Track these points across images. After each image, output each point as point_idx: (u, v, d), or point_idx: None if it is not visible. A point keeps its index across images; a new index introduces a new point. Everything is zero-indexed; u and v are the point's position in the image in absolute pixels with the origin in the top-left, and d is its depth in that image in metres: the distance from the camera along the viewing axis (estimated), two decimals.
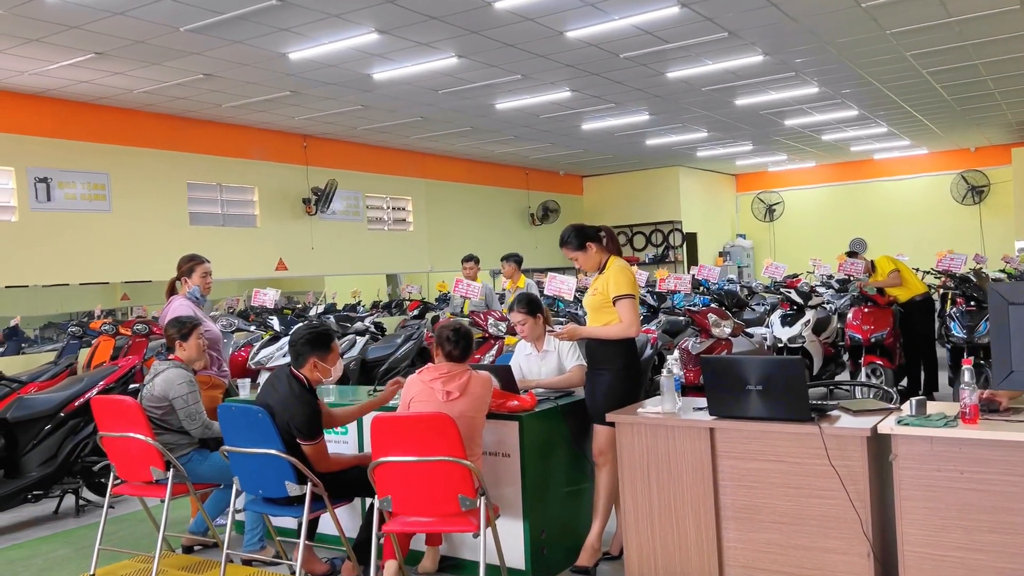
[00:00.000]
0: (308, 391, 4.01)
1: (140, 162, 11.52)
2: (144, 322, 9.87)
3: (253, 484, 4.02)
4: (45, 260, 10.40)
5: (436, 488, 3.52)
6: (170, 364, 4.60)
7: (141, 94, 10.50)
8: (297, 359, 4.04)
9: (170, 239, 11.87)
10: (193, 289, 5.36)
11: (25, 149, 10.25)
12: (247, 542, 4.57)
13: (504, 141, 15.32)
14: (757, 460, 3.47)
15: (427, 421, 3.51)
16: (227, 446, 4.03)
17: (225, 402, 4.13)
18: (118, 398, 4.45)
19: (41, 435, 5.60)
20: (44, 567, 4.74)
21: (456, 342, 3.89)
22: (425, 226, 16.38)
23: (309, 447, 3.91)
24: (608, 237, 4.52)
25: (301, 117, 12.47)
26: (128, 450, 4.40)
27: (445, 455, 3.46)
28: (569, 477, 4.37)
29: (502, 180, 18.36)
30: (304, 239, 13.93)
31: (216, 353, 5.26)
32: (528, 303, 4.71)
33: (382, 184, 15.49)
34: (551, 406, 4.27)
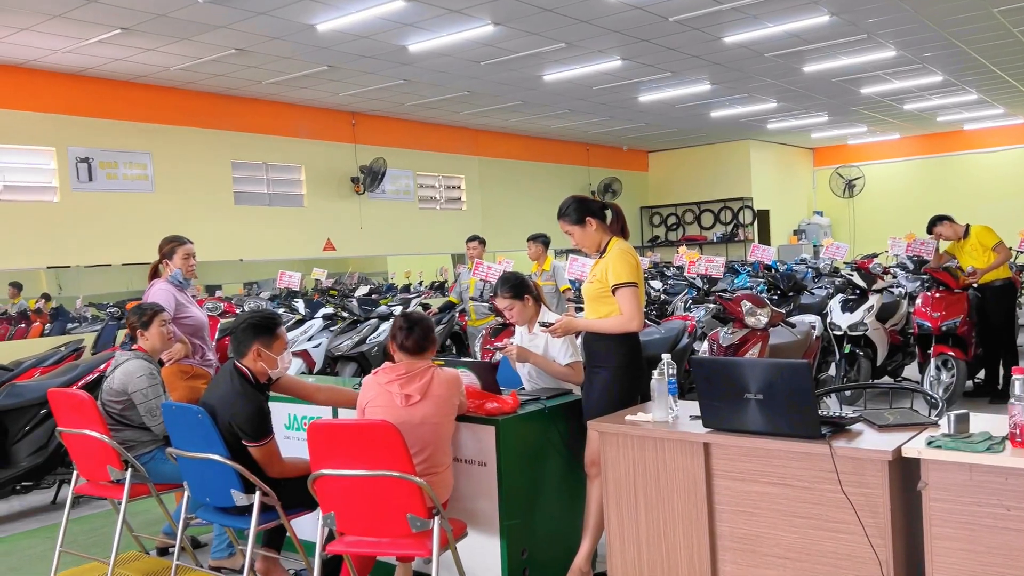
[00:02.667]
0: (253, 386, 3.59)
1: (183, 141, 11.40)
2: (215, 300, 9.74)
3: (201, 490, 3.65)
4: (87, 240, 10.39)
5: (382, 506, 3.07)
6: (131, 355, 4.27)
7: (178, 71, 10.33)
8: (239, 348, 3.63)
9: (215, 219, 11.76)
10: (175, 272, 5.04)
11: (66, 129, 10.23)
12: (215, 548, 4.23)
13: (559, 115, 14.70)
14: (758, 482, 2.89)
15: (368, 430, 3.05)
16: (173, 448, 3.67)
17: (167, 402, 3.77)
18: (72, 392, 4.15)
19: (32, 423, 5.41)
20: (14, 565, 4.52)
21: (409, 329, 3.39)
22: (479, 205, 15.93)
23: (256, 449, 3.50)
24: (615, 215, 3.95)
25: (345, 93, 12.15)
26: (85, 448, 4.10)
27: (389, 469, 3.00)
28: (559, 489, 3.85)
29: (561, 156, 17.74)
30: (353, 219, 13.67)
31: (199, 341, 4.93)
32: (513, 286, 4.20)
33: (434, 162, 15.10)
34: (537, 408, 3.75)
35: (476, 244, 8.39)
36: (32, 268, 10.21)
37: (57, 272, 11.40)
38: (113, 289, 12.25)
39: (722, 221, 19.46)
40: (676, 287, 10.43)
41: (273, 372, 3.69)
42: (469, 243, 8.36)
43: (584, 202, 3.95)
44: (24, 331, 10.60)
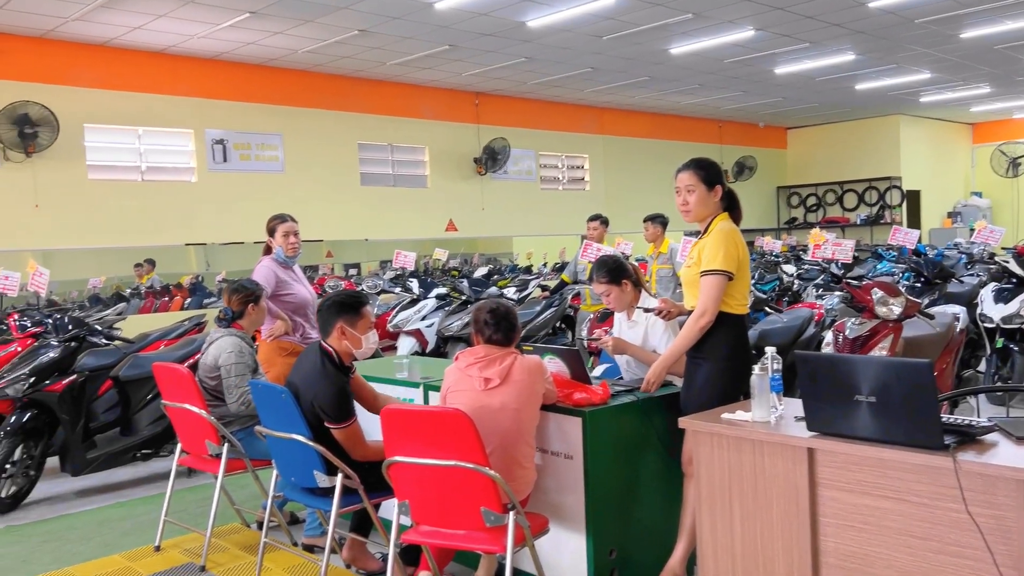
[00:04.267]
0: (337, 367, 3.53)
1: (312, 123, 11.71)
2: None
3: (287, 470, 3.64)
4: (222, 219, 10.86)
5: (455, 498, 2.93)
6: (225, 332, 4.33)
7: (305, 54, 10.58)
8: (324, 327, 3.58)
9: (342, 200, 12.04)
10: (277, 250, 5.08)
11: (203, 112, 10.70)
12: (308, 526, 4.24)
13: (688, 91, 14.12)
14: (869, 495, 2.54)
15: (441, 418, 2.90)
16: (261, 427, 3.67)
17: (253, 380, 3.77)
18: (173, 367, 4.24)
19: (152, 394, 5.65)
20: (127, 530, 4.72)
21: (496, 325, 3.23)
22: (603, 185, 15.59)
23: (339, 431, 3.44)
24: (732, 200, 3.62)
25: (468, 73, 12.11)
26: (186, 421, 4.20)
27: (462, 460, 2.84)
28: (654, 487, 3.59)
29: (691, 134, 17.08)
30: (475, 199, 13.68)
31: (301, 318, 4.95)
32: (610, 270, 3.95)
33: (557, 141, 14.88)
34: (629, 400, 3.50)
35: (597, 224, 8.07)
36: (172, 245, 10.78)
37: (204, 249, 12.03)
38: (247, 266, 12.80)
39: (867, 202, 18.21)
40: (811, 272, 9.79)
41: (358, 352, 3.62)
42: (590, 222, 8.05)
43: (720, 169, 3.65)
44: (167, 304, 11.24)
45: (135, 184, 10.22)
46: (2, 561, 4.31)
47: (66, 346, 5.28)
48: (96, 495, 5.48)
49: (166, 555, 4.27)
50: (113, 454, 5.43)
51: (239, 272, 12.78)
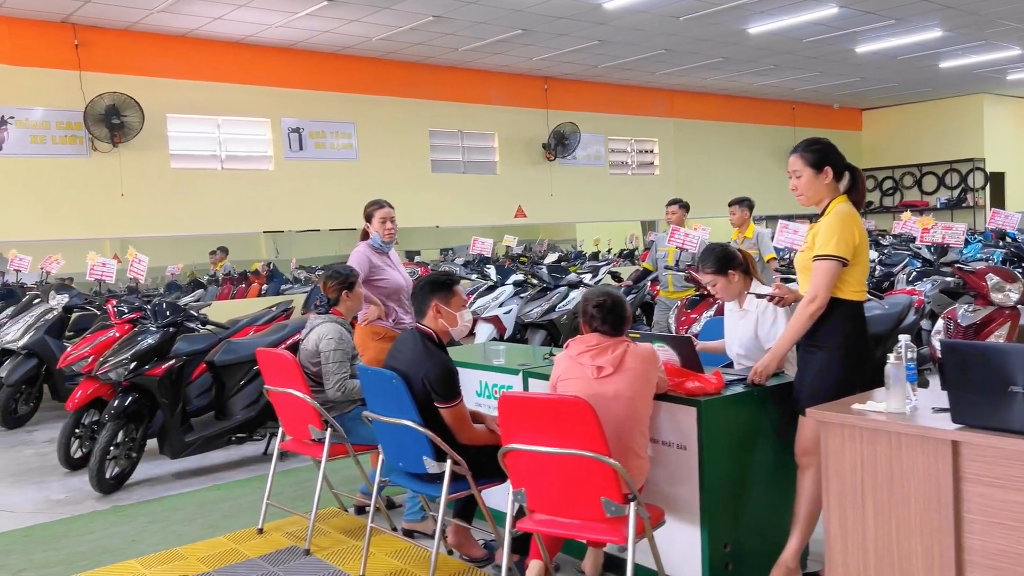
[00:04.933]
0: (439, 346, 3.53)
1: (384, 111, 11.77)
2: None
3: (394, 455, 3.64)
4: (298, 207, 11.00)
5: (574, 487, 2.88)
6: (324, 318, 4.36)
7: (379, 41, 10.62)
8: (420, 308, 3.60)
9: (413, 187, 12.08)
10: (374, 236, 5.09)
11: (279, 101, 10.84)
12: (408, 511, 4.25)
13: (763, 72, 13.77)
14: (1022, 491, 2.40)
15: (561, 406, 2.85)
16: (368, 412, 3.67)
17: (360, 365, 3.78)
18: (278, 352, 4.29)
19: (246, 379, 5.74)
20: (227, 512, 4.80)
21: (603, 318, 3.15)
22: (672, 169, 15.35)
23: (447, 410, 3.42)
24: (854, 180, 3.46)
25: (539, 58, 12.01)
26: (289, 406, 4.24)
27: (582, 448, 2.79)
28: (766, 478, 3.48)
29: (763, 116, 16.69)
30: (543, 185, 13.60)
31: (394, 304, 4.96)
32: (717, 259, 3.83)
33: (626, 125, 14.69)
34: (744, 390, 3.40)
35: (676, 208, 7.83)
36: (250, 232, 10.98)
37: (274, 236, 12.23)
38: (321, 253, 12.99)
39: (947, 185, 17.57)
40: (894, 257, 9.46)
41: (454, 330, 3.61)
42: (669, 207, 7.81)
43: (832, 149, 3.45)
44: (244, 291, 11.44)
45: (215, 173, 10.42)
46: (112, 540, 4.43)
47: (165, 332, 5.39)
48: (192, 477, 5.60)
49: (269, 538, 4.33)
50: (209, 438, 5.54)
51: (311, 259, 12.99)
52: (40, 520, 4.84)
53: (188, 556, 4.13)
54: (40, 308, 7.62)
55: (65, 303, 7.57)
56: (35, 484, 5.60)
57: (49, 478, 5.73)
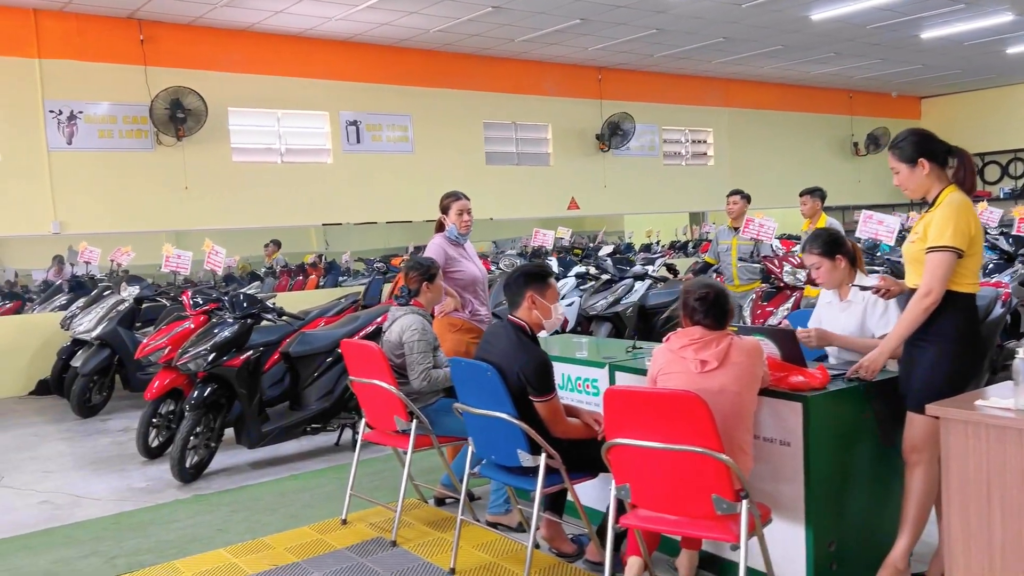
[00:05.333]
0: (532, 339, 3.49)
1: (439, 103, 11.78)
2: None
3: (486, 448, 3.61)
4: (356, 199, 11.07)
5: (684, 483, 2.82)
6: (407, 310, 4.34)
7: (437, 33, 10.61)
8: (514, 299, 3.57)
9: (468, 179, 12.05)
10: (450, 228, 5.07)
11: (337, 94, 10.90)
12: (492, 504, 4.22)
13: (823, 59, 13.49)
14: None
15: (671, 400, 2.79)
16: (460, 404, 3.65)
17: (453, 357, 3.75)
18: (363, 343, 4.28)
19: (320, 370, 5.77)
20: (308, 503, 4.83)
21: (706, 311, 3.07)
22: (727, 160, 15.14)
23: (542, 404, 3.38)
24: (960, 163, 3.33)
25: (594, 48, 11.91)
26: (374, 397, 4.24)
27: (693, 445, 2.73)
28: (871, 475, 3.39)
29: (820, 105, 16.38)
30: (596, 177, 13.51)
31: (471, 295, 4.94)
32: (825, 241, 3.73)
33: (680, 115, 14.51)
34: (850, 385, 3.30)
35: (739, 199, 7.63)
36: (309, 225, 11.06)
37: (325, 229, 12.31)
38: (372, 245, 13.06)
39: (1011, 174, 17.08)
40: None
41: (547, 322, 3.57)
42: (730, 197, 7.61)
43: (925, 139, 3.32)
44: (301, 283, 11.55)
45: (275, 166, 10.52)
46: (199, 529, 4.48)
47: (243, 323, 5.44)
48: (268, 467, 5.65)
49: (354, 528, 4.34)
50: (285, 428, 5.58)
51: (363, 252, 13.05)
52: (125, 508, 4.92)
53: (275, 546, 4.16)
54: (112, 299, 7.76)
55: (136, 294, 7.69)
56: (116, 472, 5.70)
57: (129, 466, 5.83)
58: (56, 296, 9.75)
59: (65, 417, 7.58)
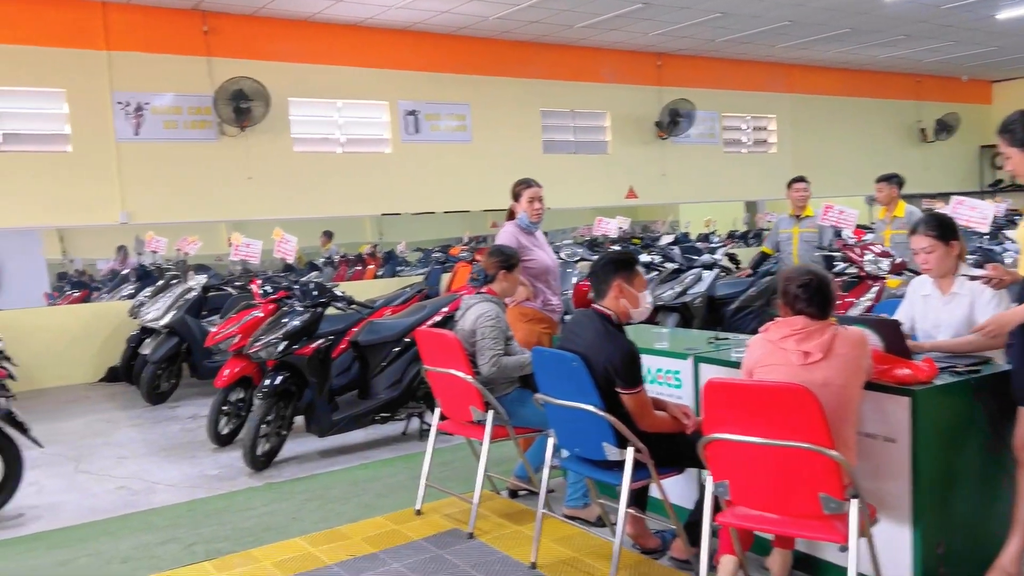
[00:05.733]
0: (619, 329, 3.38)
1: (497, 91, 11.68)
2: None
3: (569, 440, 3.51)
4: (414, 190, 11.04)
5: (788, 481, 2.68)
6: (480, 298, 4.27)
7: (496, 20, 10.51)
8: (600, 287, 3.46)
9: (525, 168, 11.86)
10: (521, 216, 4.98)
11: (396, 83, 10.87)
12: (569, 497, 4.13)
13: (891, 42, 13.04)
14: None
15: (779, 393, 2.65)
16: (541, 394, 3.55)
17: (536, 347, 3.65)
18: (439, 332, 4.22)
19: (388, 359, 5.74)
20: (380, 492, 4.79)
21: (810, 299, 2.91)
22: (789, 147, 14.76)
23: (630, 397, 3.27)
24: None
25: (655, 33, 11.68)
26: (449, 386, 4.17)
27: (802, 440, 2.59)
28: (979, 474, 3.21)
29: (885, 90, 15.87)
30: (655, 165, 13.28)
31: (543, 285, 4.84)
32: (941, 224, 3.55)
33: (741, 102, 14.18)
34: (959, 379, 3.12)
35: (805, 185, 7.38)
36: (368, 215, 11.06)
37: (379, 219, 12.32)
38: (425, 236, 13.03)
39: None
40: None
41: (635, 312, 3.45)
42: (797, 184, 7.36)
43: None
44: (360, 273, 11.59)
45: (335, 156, 10.54)
46: (274, 517, 4.47)
47: (313, 311, 5.42)
48: (338, 456, 5.64)
49: (428, 519, 4.29)
50: (354, 417, 5.56)
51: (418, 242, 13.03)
52: (199, 495, 4.95)
53: (351, 536, 4.12)
54: (179, 288, 7.85)
55: (203, 283, 7.77)
56: (188, 459, 5.74)
57: (200, 453, 5.88)
58: (123, 285, 9.93)
59: (135, 404, 7.70)
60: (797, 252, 7.15)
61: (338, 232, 11.93)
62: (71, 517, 4.70)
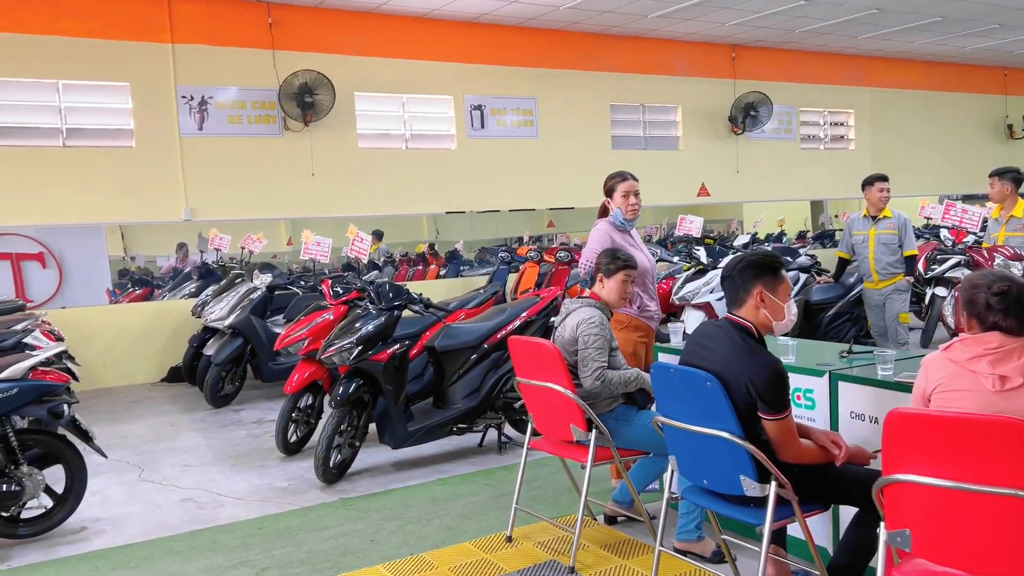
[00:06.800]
0: (761, 343, 2.93)
1: (565, 85, 11.25)
2: (567, 249, 9.62)
3: (694, 470, 3.07)
4: (479, 187, 10.68)
5: (997, 535, 2.20)
6: (583, 302, 3.85)
7: (567, 10, 10.09)
8: (737, 295, 2.99)
9: (592, 165, 11.49)
10: (615, 212, 4.55)
11: (462, 77, 10.52)
12: (681, 528, 3.68)
13: (983, 32, 12.26)
14: None
15: (982, 428, 2.17)
16: (662, 416, 3.12)
17: (659, 361, 3.20)
18: (535, 341, 3.80)
19: (466, 366, 5.35)
20: (463, 513, 4.41)
21: (1007, 310, 2.43)
22: (868, 143, 14.04)
23: (774, 424, 2.82)
24: None
25: (732, 23, 11.13)
26: (545, 401, 3.76)
27: (1016, 487, 2.11)
28: None
29: (970, 84, 15.02)
30: (728, 162, 12.70)
31: (639, 288, 4.40)
32: None
33: (819, 96, 13.51)
34: None
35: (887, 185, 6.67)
36: (433, 213, 10.71)
37: (435, 218, 11.99)
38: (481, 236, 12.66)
39: None
40: None
41: (777, 324, 2.99)
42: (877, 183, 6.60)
43: None
44: (421, 273, 11.27)
45: (399, 152, 10.22)
46: (351, 539, 4.12)
47: (390, 314, 5.07)
48: (412, 469, 5.28)
49: (521, 548, 3.88)
50: (432, 427, 5.19)
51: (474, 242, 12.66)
52: (269, 510, 4.62)
53: (437, 564, 3.74)
54: (244, 287, 7.60)
55: (269, 282, 7.50)
56: (256, 469, 5.44)
57: (267, 463, 5.58)
58: (185, 283, 9.77)
59: (198, 406, 7.47)
60: (873, 256, 6.53)
61: (393, 230, 11.62)
62: (136, 532, 4.41)
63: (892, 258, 6.47)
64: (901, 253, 6.47)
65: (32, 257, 9.39)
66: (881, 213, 6.53)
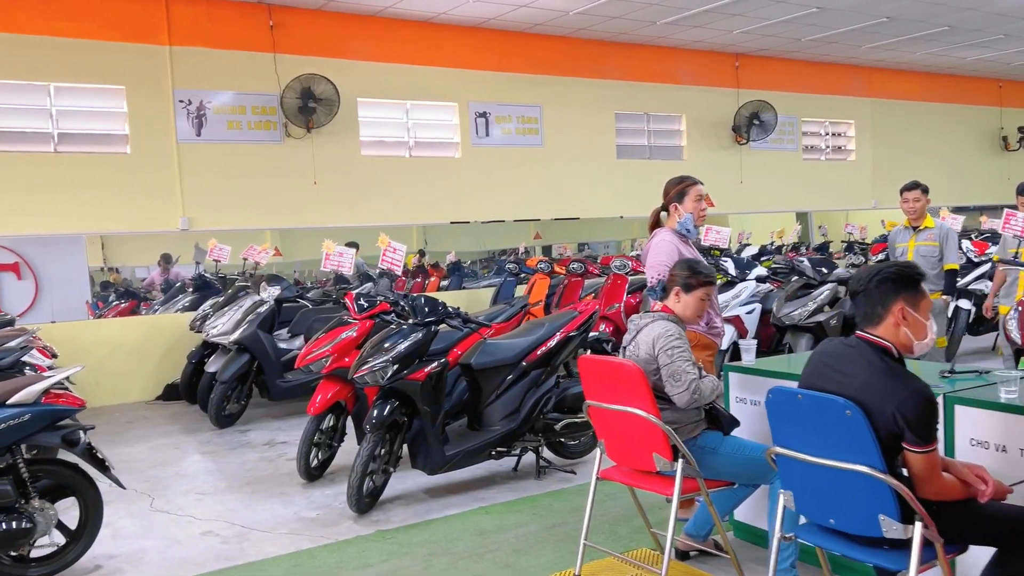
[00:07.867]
0: (902, 363, 2.63)
1: (570, 93, 11.00)
2: (579, 260, 9.32)
3: (819, 508, 2.75)
4: (483, 196, 10.36)
5: None
6: (655, 316, 3.53)
7: (576, 16, 9.83)
8: (874, 311, 2.67)
9: (597, 175, 11.24)
10: (685, 218, 4.27)
11: (467, 84, 10.21)
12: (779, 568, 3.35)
13: (986, 43, 12.21)
14: None
15: None
16: (779, 446, 2.80)
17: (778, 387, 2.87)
18: (615, 361, 3.46)
19: (504, 385, 5.00)
20: (515, 546, 4.06)
21: None
22: (869, 154, 13.93)
23: (919, 457, 2.51)
24: None
25: (738, 31, 10.95)
26: (622, 427, 3.43)
27: None
28: None
29: (966, 95, 15.01)
30: (732, 172, 12.51)
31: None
32: None
33: (820, 106, 13.39)
34: None
35: (919, 194, 6.37)
36: (437, 223, 10.36)
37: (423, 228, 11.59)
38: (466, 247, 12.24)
39: None
40: None
41: (919, 344, 2.68)
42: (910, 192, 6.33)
43: None
44: (421, 285, 10.90)
45: (403, 160, 9.88)
46: None
47: (427, 330, 4.71)
48: (447, 496, 4.92)
49: None
50: (470, 452, 4.83)
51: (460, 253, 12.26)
52: (301, 545, 4.24)
53: None
54: (249, 300, 7.19)
55: (277, 295, 7.10)
56: (277, 497, 5.04)
57: (288, 489, 5.18)
58: (179, 296, 9.30)
59: (200, 426, 7.03)
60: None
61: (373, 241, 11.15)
62: (157, 571, 4.01)
63: (931, 272, 6.17)
64: (941, 267, 6.23)
65: (7, 268, 8.85)
66: (922, 223, 6.29)
